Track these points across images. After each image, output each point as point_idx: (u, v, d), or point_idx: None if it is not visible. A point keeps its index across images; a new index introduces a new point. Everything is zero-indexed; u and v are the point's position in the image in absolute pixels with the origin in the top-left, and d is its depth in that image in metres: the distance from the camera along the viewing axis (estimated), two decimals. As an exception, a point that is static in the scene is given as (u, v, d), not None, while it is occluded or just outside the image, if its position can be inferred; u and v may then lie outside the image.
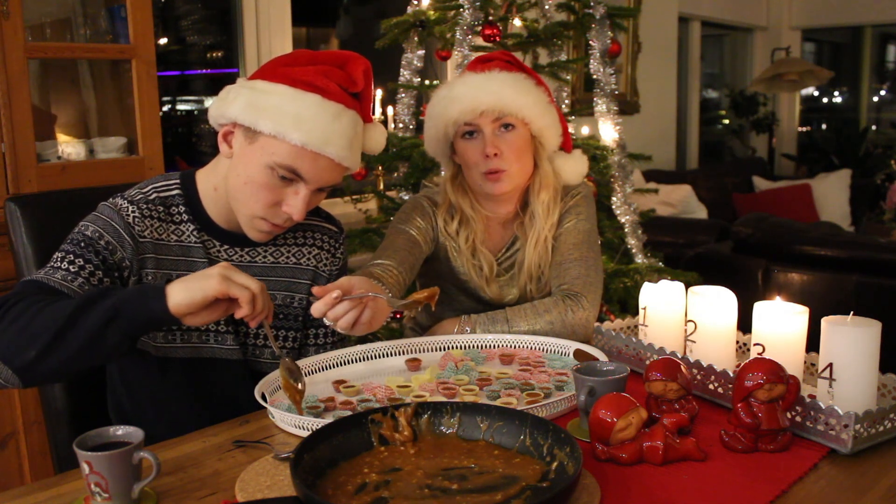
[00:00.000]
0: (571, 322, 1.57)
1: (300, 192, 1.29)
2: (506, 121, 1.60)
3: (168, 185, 1.38)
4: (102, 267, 1.27)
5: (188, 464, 1.09)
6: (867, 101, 7.62)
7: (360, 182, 2.92)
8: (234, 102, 1.29)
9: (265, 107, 1.26)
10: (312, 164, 1.27)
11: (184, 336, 1.36)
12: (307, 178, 1.28)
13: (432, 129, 1.67)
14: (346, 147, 1.29)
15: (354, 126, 1.31)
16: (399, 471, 0.98)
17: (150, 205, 1.34)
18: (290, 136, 1.24)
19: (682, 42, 6.06)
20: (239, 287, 1.11)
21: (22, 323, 1.11)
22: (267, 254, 1.44)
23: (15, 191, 2.16)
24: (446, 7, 2.71)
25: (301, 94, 1.27)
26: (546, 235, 1.69)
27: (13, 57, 2.14)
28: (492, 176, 1.61)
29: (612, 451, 1.05)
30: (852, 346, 1.11)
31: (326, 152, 1.27)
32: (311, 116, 1.25)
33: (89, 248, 1.27)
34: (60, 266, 1.24)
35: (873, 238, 3.80)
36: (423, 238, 1.69)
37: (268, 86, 1.28)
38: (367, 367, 1.44)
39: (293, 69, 1.30)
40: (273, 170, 1.27)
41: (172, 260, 1.35)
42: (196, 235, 1.37)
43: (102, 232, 1.29)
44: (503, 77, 1.61)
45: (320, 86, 1.28)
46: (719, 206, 5.46)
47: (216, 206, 1.38)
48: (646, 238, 2.87)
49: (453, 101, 1.61)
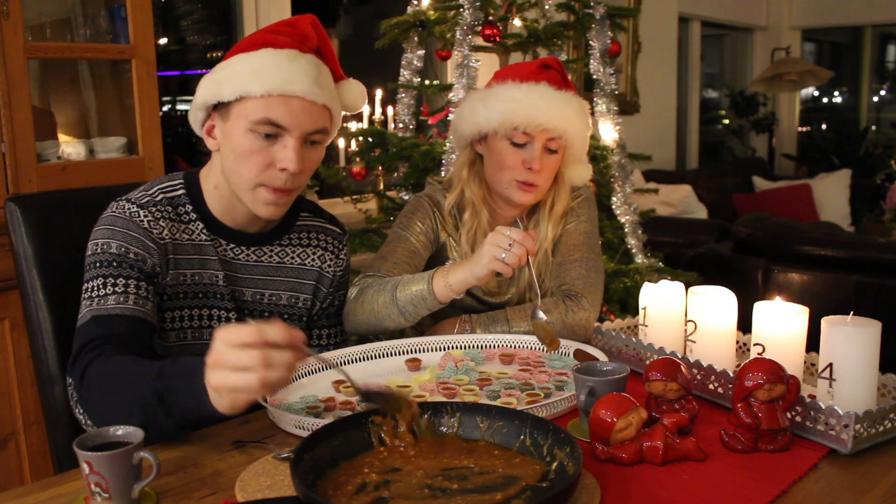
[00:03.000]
0: (572, 322, 1.57)
1: (288, 144, 1.28)
2: (556, 145, 1.62)
3: (173, 185, 1.39)
4: (143, 278, 1.28)
5: (188, 464, 1.08)
6: (867, 101, 7.62)
7: (360, 182, 2.92)
8: (197, 92, 1.33)
9: (223, 78, 1.29)
10: (285, 108, 1.27)
11: (195, 334, 1.37)
12: (287, 126, 1.28)
13: (482, 114, 1.62)
14: (312, 84, 1.28)
15: (317, 67, 1.31)
16: (399, 471, 0.98)
17: (158, 206, 1.34)
18: (253, 90, 1.26)
19: (682, 42, 6.06)
20: (273, 388, 0.98)
21: (104, 403, 1.13)
22: (273, 253, 1.45)
23: (15, 191, 2.16)
24: (446, 7, 2.71)
25: (252, 53, 1.29)
26: (547, 248, 1.70)
27: (13, 57, 2.14)
28: (526, 187, 1.62)
29: (612, 451, 1.05)
30: (852, 346, 1.11)
31: (293, 91, 1.26)
32: (266, 65, 1.27)
33: (123, 265, 1.27)
34: (108, 292, 1.25)
35: (873, 238, 3.81)
36: (425, 241, 1.69)
37: (221, 64, 1.32)
38: (367, 367, 1.44)
39: (241, 43, 1.33)
40: (253, 131, 1.27)
41: (187, 259, 1.36)
42: (206, 234, 1.38)
43: (127, 245, 1.29)
44: (575, 104, 1.62)
45: (269, 41, 1.30)
46: (719, 206, 5.46)
47: (219, 205, 1.38)
48: (646, 238, 2.87)
49: (526, 108, 1.58)
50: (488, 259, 1.40)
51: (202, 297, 1.38)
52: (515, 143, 1.61)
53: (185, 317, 1.37)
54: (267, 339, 0.93)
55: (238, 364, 0.94)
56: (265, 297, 1.44)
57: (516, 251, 1.38)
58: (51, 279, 1.45)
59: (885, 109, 7.78)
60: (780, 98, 7.24)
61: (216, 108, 1.32)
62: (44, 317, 1.45)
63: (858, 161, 6.51)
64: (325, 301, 1.53)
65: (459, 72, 2.50)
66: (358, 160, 2.86)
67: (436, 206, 1.72)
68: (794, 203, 5.66)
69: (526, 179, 1.61)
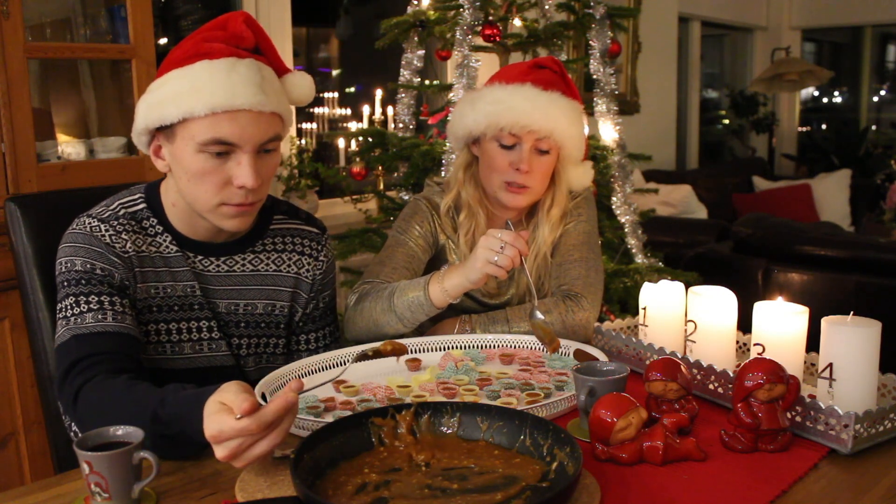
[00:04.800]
0: (572, 323, 1.57)
1: (242, 161, 1.22)
2: (546, 146, 1.61)
3: (133, 199, 1.35)
4: (115, 293, 1.26)
5: (188, 464, 1.08)
6: (867, 101, 7.62)
7: (360, 182, 2.92)
8: (138, 115, 1.26)
9: (161, 99, 1.22)
10: (233, 125, 1.20)
11: (174, 348, 1.35)
12: (238, 142, 1.21)
13: (470, 117, 1.63)
14: (256, 93, 1.21)
15: (259, 71, 1.23)
16: (399, 471, 0.98)
17: (120, 220, 1.31)
18: (196, 109, 1.19)
19: (682, 42, 6.06)
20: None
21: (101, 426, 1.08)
22: (245, 262, 1.40)
23: (15, 191, 2.16)
24: (446, 7, 2.71)
25: (188, 68, 1.21)
26: (546, 251, 1.69)
27: (13, 57, 2.14)
28: (516, 189, 1.62)
29: (612, 451, 1.05)
30: (852, 346, 1.11)
31: (237, 105, 1.19)
32: (204, 81, 1.19)
33: (92, 282, 1.25)
34: (83, 310, 1.23)
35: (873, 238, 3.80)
36: (424, 244, 1.69)
37: (157, 82, 1.26)
38: (368, 367, 1.44)
39: (174, 53, 1.26)
40: (203, 152, 1.21)
41: (155, 272, 1.33)
42: (174, 246, 1.34)
43: (92, 261, 1.26)
44: (562, 104, 1.61)
45: (203, 51, 1.22)
46: (719, 206, 5.46)
47: (180, 221, 1.35)
48: (646, 238, 2.87)
49: (509, 109, 1.58)
50: (481, 263, 1.40)
51: (178, 310, 1.35)
52: (504, 145, 1.61)
53: (163, 331, 1.34)
54: (264, 424, 0.94)
55: (235, 447, 0.95)
56: (240, 307, 1.40)
57: (508, 253, 1.38)
58: (51, 279, 1.44)
59: (885, 109, 7.79)
60: (780, 98, 7.24)
61: (160, 129, 1.25)
62: (44, 317, 1.45)
63: (858, 161, 6.51)
64: (307, 306, 1.48)
65: (459, 72, 2.50)
66: (358, 160, 2.86)
67: (433, 208, 1.72)
68: (794, 203, 5.66)
69: (514, 180, 1.61)
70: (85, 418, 1.15)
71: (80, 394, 1.15)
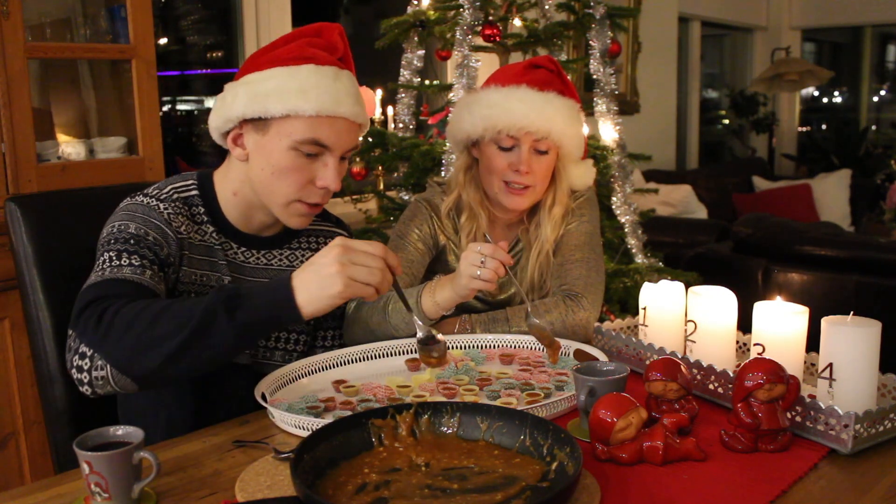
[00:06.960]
0: (572, 323, 1.57)
1: (329, 163, 1.30)
2: (544, 146, 1.61)
3: (186, 185, 1.38)
4: (157, 262, 1.25)
5: (188, 464, 1.08)
6: (867, 101, 7.62)
7: (360, 182, 2.92)
8: (234, 102, 1.29)
9: (267, 92, 1.26)
10: (331, 130, 1.28)
11: None
12: (331, 146, 1.29)
13: (468, 121, 1.64)
14: (355, 104, 1.31)
15: (354, 83, 1.33)
16: (399, 471, 0.98)
17: (175, 203, 1.33)
18: (302, 109, 1.25)
19: (682, 42, 6.06)
20: (362, 286, 1.10)
21: (139, 329, 1.08)
22: (283, 257, 1.45)
23: (15, 191, 2.16)
24: (446, 7, 2.71)
25: (296, 69, 1.27)
26: (548, 249, 1.69)
27: (13, 57, 2.14)
28: (516, 191, 1.62)
29: (612, 451, 1.05)
30: (852, 346, 1.11)
31: (340, 113, 1.28)
32: (313, 84, 1.26)
33: (141, 244, 1.24)
34: (122, 263, 1.21)
35: (873, 238, 3.80)
36: (423, 248, 1.69)
37: (260, 74, 1.29)
38: (367, 367, 1.44)
39: (277, 52, 1.30)
40: (296, 150, 1.28)
41: (198, 259, 1.35)
42: (216, 237, 1.37)
43: (146, 229, 1.27)
44: (558, 104, 1.61)
45: (309, 55, 1.29)
46: (719, 206, 5.46)
47: (236, 210, 1.38)
48: (646, 238, 2.87)
49: (506, 112, 1.59)
50: (466, 279, 1.40)
51: None
52: (502, 148, 1.61)
53: None
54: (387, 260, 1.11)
55: (368, 263, 1.09)
56: None
57: (490, 265, 1.37)
58: (51, 279, 1.45)
59: (885, 109, 7.78)
60: (780, 98, 7.23)
61: (251, 119, 1.29)
62: (44, 317, 1.45)
63: (858, 161, 6.51)
64: None
65: (459, 72, 2.50)
66: (358, 160, 2.86)
67: (433, 210, 1.72)
68: (794, 203, 5.66)
69: (514, 181, 1.61)
70: (117, 322, 1.09)
71: (108, 310, 1.10)
